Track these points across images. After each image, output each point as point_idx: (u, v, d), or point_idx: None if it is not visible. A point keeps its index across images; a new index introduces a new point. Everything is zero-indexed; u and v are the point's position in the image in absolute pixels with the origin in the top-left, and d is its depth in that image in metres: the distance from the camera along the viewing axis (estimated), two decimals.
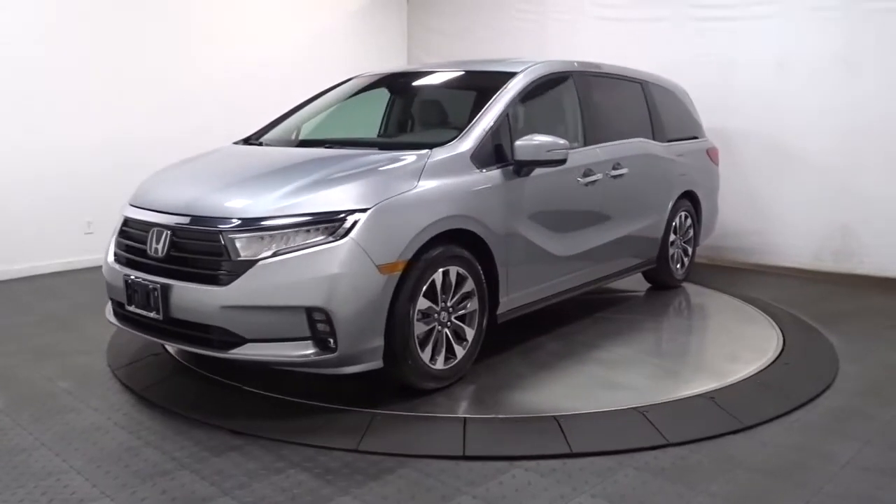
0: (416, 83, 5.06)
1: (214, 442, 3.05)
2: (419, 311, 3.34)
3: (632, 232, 4.96)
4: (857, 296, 5.75)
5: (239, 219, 3.18)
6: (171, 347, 4.12)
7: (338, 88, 5.02)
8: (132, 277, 3.42)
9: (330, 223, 3.13)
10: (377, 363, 3.26)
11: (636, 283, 5.75)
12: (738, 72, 6.52)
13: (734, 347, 4.47)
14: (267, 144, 4.46)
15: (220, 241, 3.16)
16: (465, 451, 2.96)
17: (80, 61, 6.38)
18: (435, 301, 3.44)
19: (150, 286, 3.30)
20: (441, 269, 3.43)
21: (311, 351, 3.11)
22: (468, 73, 4.75)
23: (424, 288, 3.35)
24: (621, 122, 5.08)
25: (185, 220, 3.32)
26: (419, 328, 3.36)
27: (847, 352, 4.27)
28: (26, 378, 3.84)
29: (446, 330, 3.54)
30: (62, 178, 6.32)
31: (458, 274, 3.54)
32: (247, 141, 4.61)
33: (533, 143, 3.79)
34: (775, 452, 3.00)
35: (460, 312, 3.61)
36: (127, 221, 3.67)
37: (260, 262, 3.07)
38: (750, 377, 3.80)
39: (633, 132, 5.12)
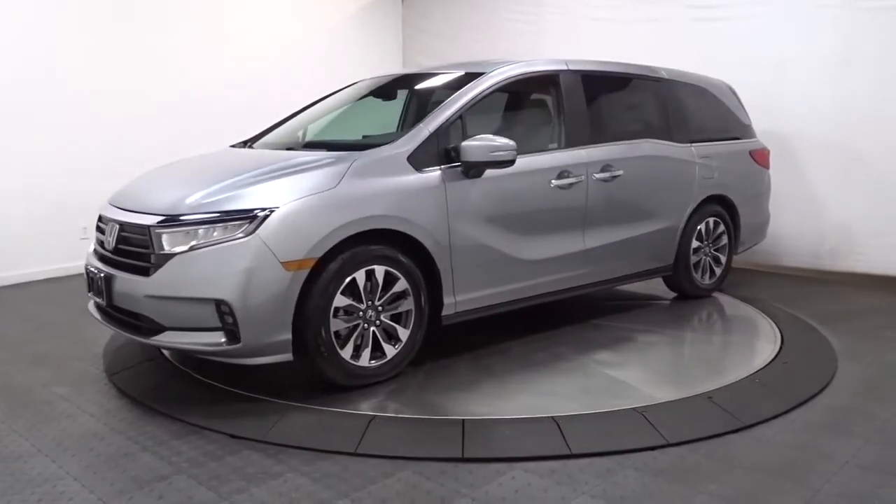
0: (405, 86, 5.08)
1: (212, 446, 3.03)
2: (337, 308, 3.44)
3: (630, 237, 4.75)
4: (855, 294, 5.76)
5: (164, 215, 3.41)
6: (167, 352, 4.14)
7: (340, 92, 5.05)
8: (91, 267, 3.76)
9: (241, 221, 3.29)
10: (287, 356, 3.37)
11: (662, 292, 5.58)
12: (736, 70, 6.51)
13: (733, 347, 4.47)
14: (258, 147, 4.49)
15: (148, 236, 3.39)
16: (463, 454, 2.95)
17: (74, 67, 6.37)
18: (359, 299, 3.51)
19: (99, 275, 3.62)
20: (364, 268, 3.51)
21: (221, 340, 3.29)
22: (440, 75, 4.67)
23: (343, 286, 3.44)
24: (622, 123, 5.00)
25: (130, 215, 3.59)
26: (337, 325, 3.45)
27: (846, 350, 4.27)
28: (22, 384, 3.82)
29: (374, 328, 3.60)
30: (57, 184, 6.30)
31: (388, 273, 3.59)
32: (245, 144, 4.65)
33: (477, 144, 3.78)
34: (774, 452, 2.99)
35: (393, 312, 3.65)
36: (100, 217, 3.92)
37: (177, 256, 3.30)
38: (748, 376, 3.80)
39: (639, 133, 4.95)
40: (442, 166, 3.81)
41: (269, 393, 3.55)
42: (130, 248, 3.54)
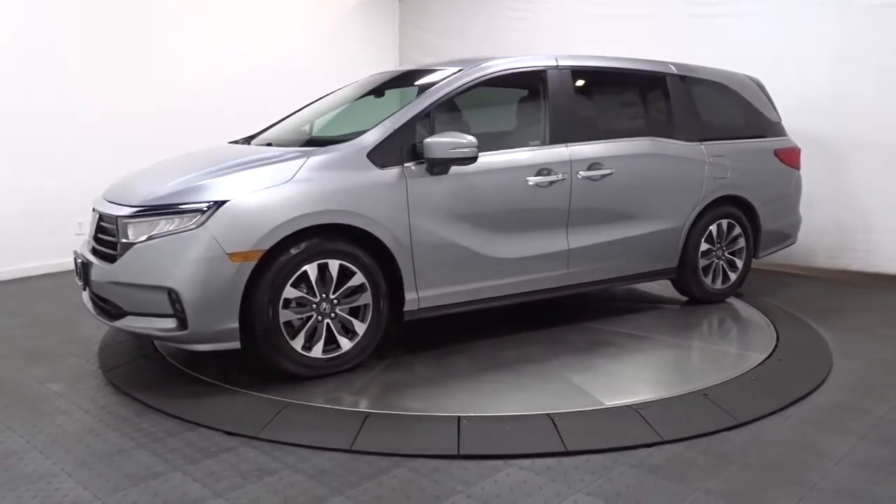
0: (405, 82, 5.02)
1: (207, 443, 3.03)
2: (288, 299, 3.53)
3: (623, 237, 4.62)
4: (851, 292, 5.77)
5: (131, 206, 3.59)
6: (161, 349, 4.15)
7: (349, 87, 5.06)
8: (77, 255, 3.96)
9: (194, 213, 3.43)
10: (234, 344, 3.48)
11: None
12: (733, 67, 6.51)
13: (728, 344, 4.47)
14: (256, 143, 4.50)
15: (116, 226, 3.57)
16: (459, 450, 2.94)
17: (71, 62, 6.35)
18: (311, 291, 3.58)
19: (80, 261, 3.83)
20: (317, 262, 3.58)
21: (172, 326, 3.44)
22: (421, 72, 4.63)
23: (294, 278, 3.53)
24: (617, 120, 4.92)
25: (109, 207, 3.75)
26: (288, 315, 3.54)
27: (841, 348, 4.28)
28: (17, 380, 3.81)
29: (329, 321, 3.67)
30: (52, 180, 6.29)
31: (343, 267, 3.65)
32: (247, 140, 4.67)
33: (438, 140, 3.79)
34: (770, 449, 3.00)
35: (349, 305, 3.71)
36: (93, 209, 4.04)
37: (136, 245, 3.47)
38: (744, 374, 3.80)
39: (638, 130, 4.82)
40: (405, 163, 3.83)
41: (264, 390, 3.55)
42: (105, 237, 3.73)
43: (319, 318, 3.65)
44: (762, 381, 3.73)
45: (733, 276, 5.30)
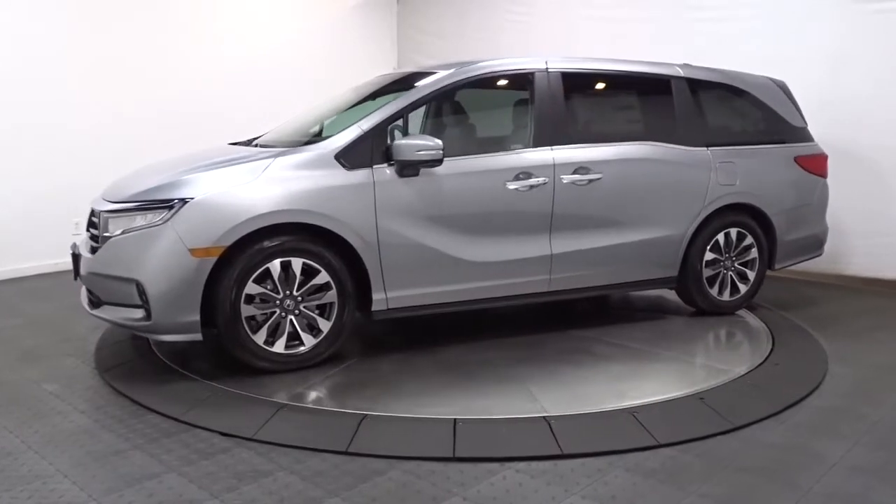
0: (413, 83, 5.03)
1: (202, 444, 3.03)
2: (251, 294, 3.66)
3: (614, 244, 4.48)
4: (846, 297, 5.79)
5: (112, 202, 3.80)
6: (157, 350, 4.17)
7: (360, 87, 5.01)
8: (74, 246, 4.15)
9: (161, 209, 3.60)
10: (196, 336, 3.64)
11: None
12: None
13: (724, 348, 4.48)
14: (258, 143, 4.50)
15: (100, 220, 3.77)
16: (455, 453, 2.95)
17: (68, 61, 6.34)
18: (275, 288, 3.70)
19: (73, 253, 4.07)
20: (279, 260, 3.68)
21: (140, 316, 3.62)
22: (427, 73, 4.52)
23: (256, 274, 3.66)
24: (610, 124, 4.84)
25: (100, 203, 3.93)
26: (250, 311, 3.67)
27: (836, 352, 4.29)
28: (12, 381, 3.80)
29: (292, 317, 3.76)
30: (49, 179, 6.28)
31: (308, 265, 3.74)
32: (251, 141, 4.65)
33: (404, 143, 3.85)
34: (765, 453, 3.01)
35: (314, 303, 3.79)
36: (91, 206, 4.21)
37: (112, 239, 3.67)
38: (740, 378, 3.81)
39: (634, 135, 4.67)
40: (375, 165, 3.87)
41: (260, 391, 3.55)
42: (94, 231, 3.91)
43: (283, 314, 3.75)
44: (758, 384, 3.73)
45: (744, 288, 5.02)
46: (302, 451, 2.97)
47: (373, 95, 4.54)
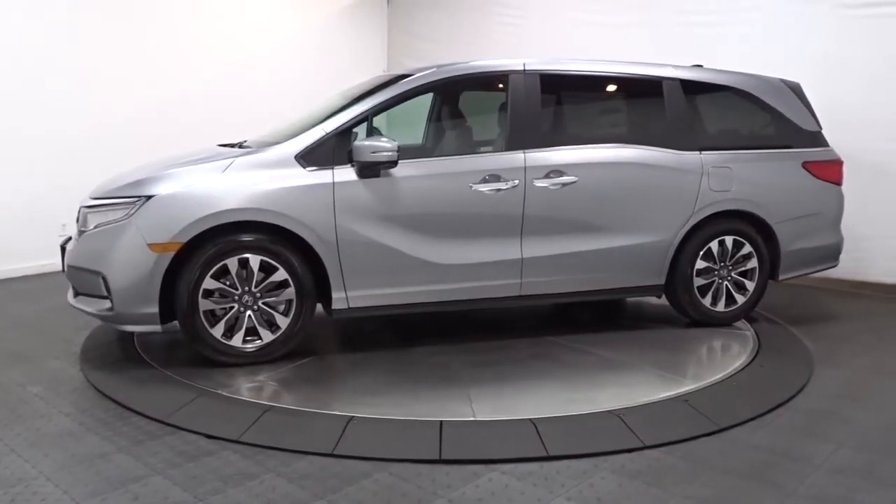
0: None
1: (188, 447, 3.01)
2: (209, 289, 3.79)
3: (591, 249, 4.36)
4: (834, 299, 5.82)
5: (92, 198, 3.98)
6: (143, 351, 4.17)
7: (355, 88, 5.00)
8: (64, 239, 4.28)
9: (127, 206, 3.78)
10: (155, 327, 3.82)
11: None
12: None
13: (709, 350, 4.49)
14: (247, 145, 4.47)
15: (80, 214, 3.97)
16: (441, 455, 2.95)
17: (59, 62, 6.30)
18: (233, 284, 3.83)
19: (61, 245, 4.21)
20: (237, 256, 3.79)
21: (107, 307, 3.80)
22: (397, 77, 4.46)
23: (213, 270, 3.78)
24: (590, 127, 4.71)
25: (87, 199, 4.06)
26: (208, 305, 3.80)
27: (822, 354, 4.31)
28: None
29: (250, 312, 3.88)
30: (36, 181, 6.24)
31: (266, 263, 3.84)
32: (239, 143, 4.63)
33: (360, 144, 3.89)
34: (750, 454, 3.02)
35: (274, 299, 3.90)
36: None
37: (85, 233, 3.87)
38: (725, 379, 3.83)
39: (617, 138, 4.56)
40: (336, 166, 3.93)
41: (246, 393, 3.54)
42: (78, 225, 4.05)
43: (242, 309, 3.86)
44: (743, 386, 3.75)
45: (741, 299, 4.78)
46: (288, 453, 2.96)
47: (369, 96, 4.51)
